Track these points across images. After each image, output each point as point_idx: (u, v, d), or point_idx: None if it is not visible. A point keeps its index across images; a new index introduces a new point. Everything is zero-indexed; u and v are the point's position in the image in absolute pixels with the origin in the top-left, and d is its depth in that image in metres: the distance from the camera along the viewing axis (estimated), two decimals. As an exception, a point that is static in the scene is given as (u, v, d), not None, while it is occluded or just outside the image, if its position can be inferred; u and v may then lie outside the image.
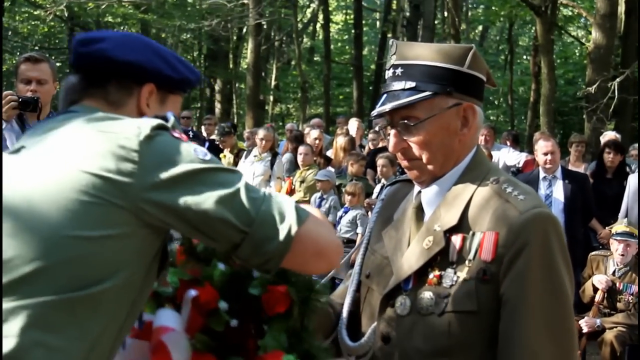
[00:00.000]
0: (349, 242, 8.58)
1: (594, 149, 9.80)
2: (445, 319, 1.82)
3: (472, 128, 1.92)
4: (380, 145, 9.98)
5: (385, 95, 1.94)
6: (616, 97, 10.17)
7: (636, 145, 9.07)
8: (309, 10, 29.35)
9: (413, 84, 1.88)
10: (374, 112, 1.95)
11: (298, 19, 21.84)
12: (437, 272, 1.85)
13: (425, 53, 1.91)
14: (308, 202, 9.06)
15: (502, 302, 1.78)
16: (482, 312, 1.80)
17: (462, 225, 1.85)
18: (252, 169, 9.48)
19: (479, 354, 1.82)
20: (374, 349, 1.96)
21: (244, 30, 23.26)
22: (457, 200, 1.89)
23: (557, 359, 1.77)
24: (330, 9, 26.21)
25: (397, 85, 1.91)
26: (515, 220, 1.78)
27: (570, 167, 8.67)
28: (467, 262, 1.82)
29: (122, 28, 24.84)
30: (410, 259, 1.91)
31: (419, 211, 1.98)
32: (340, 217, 8.69)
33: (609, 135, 9.18)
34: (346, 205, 8.67)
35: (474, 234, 1.83)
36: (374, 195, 8.52)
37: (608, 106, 10.35)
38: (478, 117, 1.94)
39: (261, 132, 9.80)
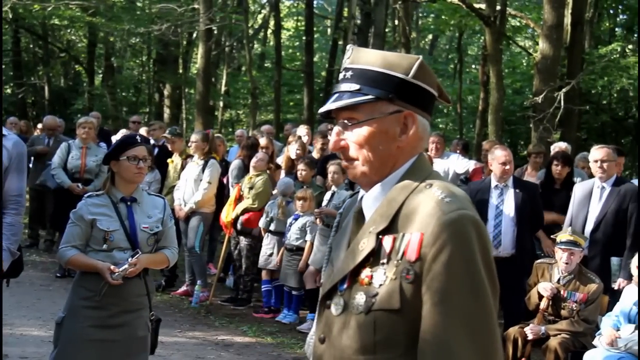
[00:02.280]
0: (298, 250, 8.57)
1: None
2: (371, 317, 1.88)
3: (412, 136, 1.99)
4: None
5: (332, 96, 2.03)
6: (562, 107, 10.33)
7: (585, 153, 9.21)
8: (260, 17, 29.28)
9: (357, 87, 1.98)
10: (320, 111, 2.07)
11: (249, 25, 21.74)
12: (369, 273, 1.92)
13: (374, 59, 2.00)
14: (257, 209, 9.03)
15: (423, 302, 1.82)
16: (406, 311, 1.85)
17: (394, 227, 1.91)
18: (186, 174, 9.43)
19: (404, 352, 1.87)
20: (314, 350, 2.06)
21: (194, 35, 23.11)
22: (391, 203, 1.95)
23: (476, 358, 1.79)
24: (281, 15, 26.17)
25: (344, 87, 2.01)
26: (437, 221, 1.83)
27: (527, 177, 8.78)
28: (395, 262, 1.87)
29: (69, 31, 24.51)
30: (345, 260, 1.98)
31: (360, 215, 2.05)
32: (290, 224, 8.67)
33: (559, 145, 9.30)
34: (297, 212, 8.65)
35: (403, 235, 1.88)
36: (324, 203, 8.51)
37: (554, 116, 10.51)
38: (420, 126, 2.01)
39: (193, 137, 9.74)
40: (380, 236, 1.92)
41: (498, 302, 1.89)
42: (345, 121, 2.02)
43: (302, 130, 10.97)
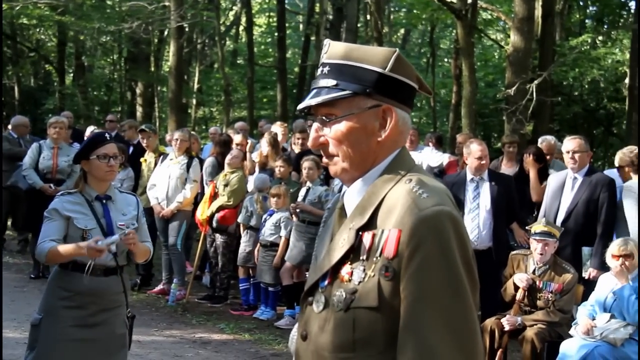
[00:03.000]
0: (273, 246, 8.56)
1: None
2: (350, 314, 1.88)
3: (392, 130, 1.98)
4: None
5: (311, 92, 2.01)
6: (534, 99, 10.39)
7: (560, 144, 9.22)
8: (231, 13, 29.17)
9: (335, 83, 1.96)
10: (298, 107, 2.05)
11: (220, 22, 21.64)
12: (349, 269, 1.91)
13: (350, 54, 1.98)
14: (232, 206, 8.99)
15: (402, 299, 1.82)
16: (384, 309, 1.84)
17: (373, 224, 1.90)
18: (167, 172, 9.35)
19: (382, 349, 1.86)
20: (296, 347, 2.06)
21: (165, 32, 22.96)
22: (371, 199, 1.94)
23: (459, 356, 1.79)
24: (253, 11, 26.08)
25: (322, 83, 1.99)
26: (414, 217, 1.83)
27: (503, 168, 8.80)
28: (374, 259, 1.86)
29: (38, 30, 24.25)
30: (327, 257, 1.97)
31: (342, 211, 2.04)
32: (265, 220, 8.65)
33: (547, 140, 9.25)
34: (271, 208, 8.64)
35: (382, 232, 1.87)
36: (299, 199, 8.50)
37: (527, 108, 10.57)
38: (399, 119, 1.99)
39: (177, 134, 9.69)
40: (360, 232, 1.92)
41: (478, 298, 1.89)
42: (324, 117, 2.00)
43: (278, 128, 10.94)
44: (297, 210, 8.35)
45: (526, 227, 7.25)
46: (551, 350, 6.34)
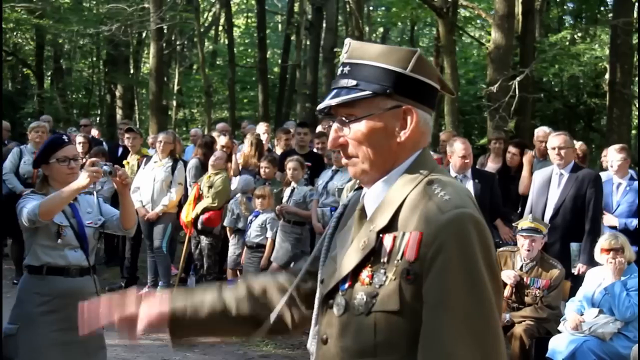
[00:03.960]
0: (259, 247, 8.51)
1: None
2: (371, 318, 1.83)
3: (412, 131, 1.94)
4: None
5: (331, 92, 1.98)
6: (517, 95, 10.41)
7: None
8: (210, 14, 29.05)
9: (355, 83, 1.93)
10: (318, 107, 2.02)
11: (200, 23, 21.55)
12: (369, 272, 1.87)
13: (371, 53, 1.94)
14: (217, 207, 8.94)
15: (424, 303, 1.77)
16: (406, 312, 1.80)
17: (394, 226, 1.86)
18: (152, 175, 9.29)
19: (405, 354, 1.81)
20: (316, 350, 2.01)
21: (144, 34, 22.85)
22: (392, 201, 1.90)
23: None
24: (232, 12, 26.00)
25: (342, 83, 1.96)
26: (436, 219, 1.79)
27: (490, 164, 8.83)
28: (395, 262, 1.82)
29: (15, 34, 24.03)
30: (347, 259, 1.93)
31: (363, 212, 1.99)
32: (251, 222, 8.60)
33: (543, 130, 9.26)
34: (256, 209, 8.59)
35: (403, 234, 1.83)
36: (284, 199, 8.47)
37: (509, 105, 10.59)
38: (420, 120, 1.95)
39: (160, 136, 9.66)
40: (381, 235, 1.88)
41: (502, 303, 1.85)
42: (343, 118, 1.97)
43: (261, 128, 10.91)
44: (282, 210, 8.33)
45: (512, 224, 7.26)
46: (540, 347, 6.36)
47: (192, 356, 7.26)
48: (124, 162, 10.05)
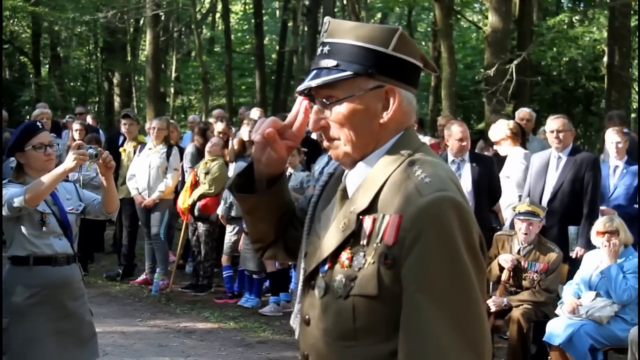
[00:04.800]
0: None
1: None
2: (349, 302, 1.81)
3: (395, 111, 1.88)
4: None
5: (310, 73, 1.92)
6: (514, 79, 10.36)
7: (543, 128, 9.24)
8: (207, 0, 28.93)
9: (335, 63, 1.87)
10: (298, 89, 1.96)
11: (196, 10, 21.44)
12: (349, 255, 1.83)
13: (351, 32, 1.88)
14: (214, 194, 8.92)
15: (403, 288, 1.73)
16: (385, 297, 1.76)
17: (374, 208, 1.82)
18: (147, 161, 9.27)
19: (385, 338, 1.78)
20: (299, 331, 2.00)
21: (141, 21, 22.75)
22: (373, 182, 1.85)
23: (464, 348, 1.70)
24: (228, -2, 25.89)
25: (322, 63, 1.90)
26: (415, 203, 1.74)
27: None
28: (374, 245, 1.78)
29: (11, 22, 23.93)
30: (327, 241, 1.89)
31: (344, 193, 1.95)
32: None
33: (523, 111, 9.21)
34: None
35: (383, 217, 1.79)
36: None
37: (507, 88, 10.54)
38: (403, 100, 1.90)
39: (154, 122, 9.64)
40: (361, 217, 1.84)
41: (485, 286, 1.82)
42: (324, 100, 1.91)
43: (255, 113, 10.87)
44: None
45: (510, 207, 7.24)
46: (537, 330, 6.34)
47: (190, 342, 7.25)
48: (121, 149, 10.02)
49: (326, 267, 1.88)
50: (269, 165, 2.04)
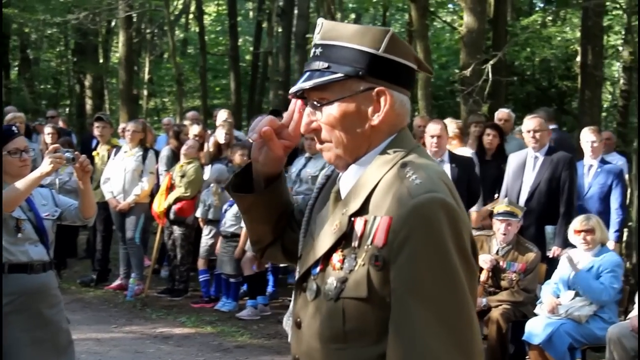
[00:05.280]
0: (234, 237, 8.42)
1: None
2: (340, 304, 1.81)
3: (386, 113, 1.87)
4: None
5: (303, 75, 1.91)
6: (490, 79, 10.37)
7: (519, 128, 9.24)
8: (180, 2, 28.77)
9: (326, 65, 1.88)
10: (291, 91, 1.96)
11: (170, 11, 21.28)
12: (340, 257, 1.83)
13: (343, 34, 1.88)
14: (190, 197, 8.84)
15: (392, 291, 1.72)
16: (374, 300, 1.76)
17: (366, 210, 1.81)
18: (122, 165, 9.17)
19: (376, 341, 1.77)
20: (291, 333, 2.01)
21: (113, 23, 22.55)
22: (366, 184, 1.85)
23: (454, 351, 1.68)
24: (202, -1, 25.76)
25: (314, 65, 1.90)
26: (405, 204, 1.73)
27: (468, 148, 8.78)
28: (365, 247, 1.78)
29: (-20, 23, 23.62)
30: (320, 243, 1.88)
31: (338, 195, 1.94)
32: (225, 211, 8.53)
33: (502, 111, 9.25)
34: (231, 199, 8.49)
35: (374, 218, 1.78)
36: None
37: (483, 89, 10.55)
38: (395, 102, 1.89)
39: (129, 125, 9.54)
40: (353, 218, 1.83)
41: (477, 289, 1.81)
42: (315, 102, 1.91)
43: (223, 115, 10.76)
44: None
45: (488, 208, 7.23)
46: (516, 330, 6.36)
47: (166, 348, 7.17)
48: (94, 152, 9.90)
49: (318, 269, 1.89)
50: (266, 164, 2.05)
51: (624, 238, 9.85)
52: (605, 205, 7.61)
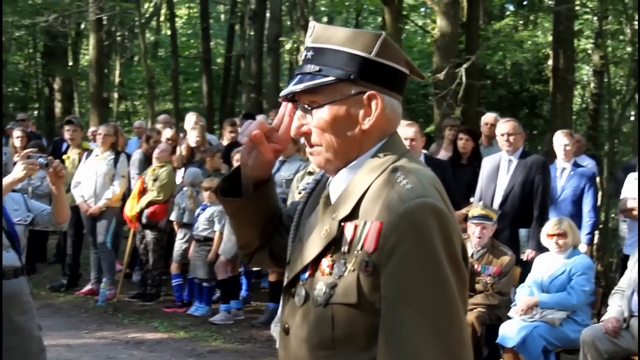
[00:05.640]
0: (207, 241, 8.37)
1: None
2: (329, 310, 1.79)
3: (377, 118, 1.85)
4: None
5: (294, 78, 1.90)
6: (464, 83, 10.40)
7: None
8: (150, 5, 28.60)
9: (318, 68, 1.86)
10: (282, 94, 1.94)
11: (141, 13, 21.11)
12: (330, 262, 1.81)
13: (334, 37, 1.87)
14: (162, 201, 8.76)
15: (382, 296, 1.70)
16: (364, 305, 1.74)
17: (356, 215, 1.79)
18: (93, 169, 9.08)
19: (364, 347, 1.75)
20: (279, 339, 1.99)
21: (82, 25, 22.34)
22: (356, 189, 1.83)
23: (444, 358, 1.66)
24: (173, 1, 25.60)
25: (305, 69, 1.89)
26: (396, 209, 1.71)
27: (442, 152, 8.78)
28: (355, 252, 1.76)
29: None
30: (309, 248, 1.86)
31: (327, 200, 1.92)
32: (198, 215, 8.47)
33: (489, 116, 9.26)
34: (204, 202, 8.45)
35: (365, 223, 1.76)
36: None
37: (456, 92, 10.58)
38: (387, 106, 1.87)
39: (101, 128, 9.46)
40: (343, 223, 1.81)
41: (467, 295, 1.79)
42: (306, 105, 1.89)
43: (191, 118, 10.67)
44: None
45: (462, 211, 7.23)
46: (490, 333, 6.37)
47: (139, 354, 7.09)
48: (64, 156, 9.78)
49: (307, 274, 1.87)
50: (255, 168, 2.03)
51: (595, 241, 9.94)
52: (577, 208, 7.66)
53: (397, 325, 1.67)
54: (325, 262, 1.82)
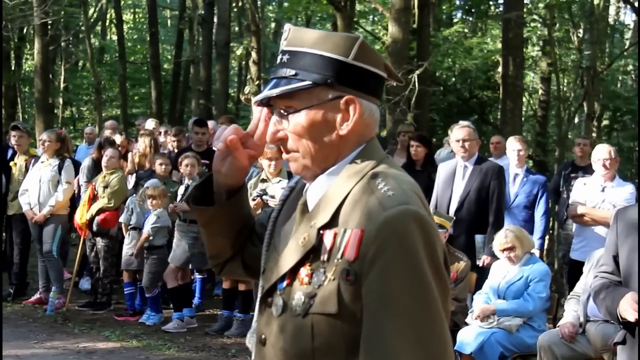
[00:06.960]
0: (155, 248, 8.26)
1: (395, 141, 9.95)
2: (308, 320, 1.73)
3: (355, 123, 1.81)
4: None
5: (269, 82, 1.83)
6: (417, 89, 10.45)
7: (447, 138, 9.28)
8: (96, 9, 28.19)
9: (294, 72, 1.81)
10: (256, 99, 1.86)
11: (87, 18, 20.77)
12: (308, 271, 1.76)
13: (310, 40, 1.82)
14: (113, 208, 8.61)
15: (364, 305, 1.65)
16: (345, 315, 1.69)
17: (335, 222, 1.74)
18: (38, 175, 8.88)
19: (344, 358, 1.70)
20: (255, 351, 1.93)
21: (25, 30, 21.91)
22: (334, 196, 1.77)
23: None
24: (121, 6, 25.27)
25: (281, 72, 1.83)
26: (377, 217, 1.66)
27: (396, 157, 8.77)
28: (335, 261, 1.70)
29: None
30: (286, 257, 1.80)
31: (305, 207, 1.85)
32: (143, 223, 8.35)
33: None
34: (149, 210, 8.33)
35: (345, 231, 1.70)
36: (178, 197, 8.22)
37: (409, 98, 10.63)
38: (365, 111, 1.82)
39: (44, 135, 9.24)
40: (322, 231, 1.75)
41: (449, 304, 1.74)
42: (282, 110, 1.83)
43: (150, 124, 10.55)
44: (177, 210, 8.13)
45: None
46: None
47: (91, 364, 6.92)
48: (11, 163, 9.55)
49: (284, 284, 1.81)
50: (229, 175, 1.96)
51: (546, 246, 10.07)
52: (531, 214, 7.75)
53: (379, 334, 1.63)
54: (304, 271, 1.76)
